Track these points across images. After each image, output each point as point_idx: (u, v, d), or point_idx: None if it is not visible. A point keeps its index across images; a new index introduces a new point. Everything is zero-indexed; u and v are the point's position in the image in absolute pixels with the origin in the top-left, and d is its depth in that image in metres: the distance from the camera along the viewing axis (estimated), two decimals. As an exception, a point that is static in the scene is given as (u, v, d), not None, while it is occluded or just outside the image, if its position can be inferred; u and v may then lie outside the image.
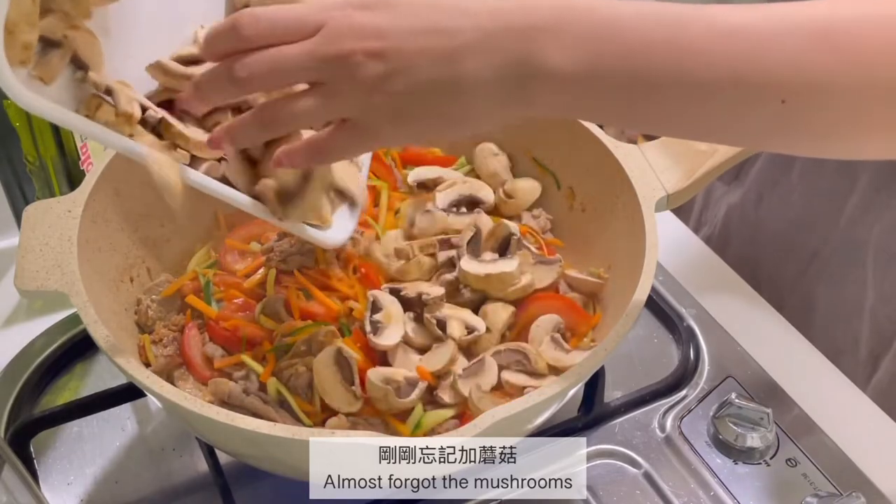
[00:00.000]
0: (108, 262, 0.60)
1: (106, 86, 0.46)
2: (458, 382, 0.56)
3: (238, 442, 0.53)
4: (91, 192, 0.59)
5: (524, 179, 0.72)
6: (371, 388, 0.54)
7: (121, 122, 0.46)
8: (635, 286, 0.55)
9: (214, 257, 0.68)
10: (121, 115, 0.46)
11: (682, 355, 0.72)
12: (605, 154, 0.65)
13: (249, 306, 0.61)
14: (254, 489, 0.62)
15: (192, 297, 0.62)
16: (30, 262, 0.54)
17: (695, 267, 0.83)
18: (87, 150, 0.75)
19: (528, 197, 0.71)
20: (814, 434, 0.66)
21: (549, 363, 0.59)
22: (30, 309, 0.75)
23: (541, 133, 0.70)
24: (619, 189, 0.64)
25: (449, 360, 0.57)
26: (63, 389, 0.69)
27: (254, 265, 0.64)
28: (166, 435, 0.66)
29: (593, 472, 0.64)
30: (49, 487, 0.62)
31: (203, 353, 0.60)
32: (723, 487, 0.62)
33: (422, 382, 0.56)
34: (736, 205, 0.90)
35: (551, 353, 0.59)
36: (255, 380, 0.57)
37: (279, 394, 0.56)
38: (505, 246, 0.63)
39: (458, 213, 0.67)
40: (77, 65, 0.46)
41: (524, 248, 0.63)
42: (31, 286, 0.54)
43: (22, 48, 0.42)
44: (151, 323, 0.62)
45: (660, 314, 0.76)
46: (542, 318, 0.61)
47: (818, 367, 0.73)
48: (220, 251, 0.67)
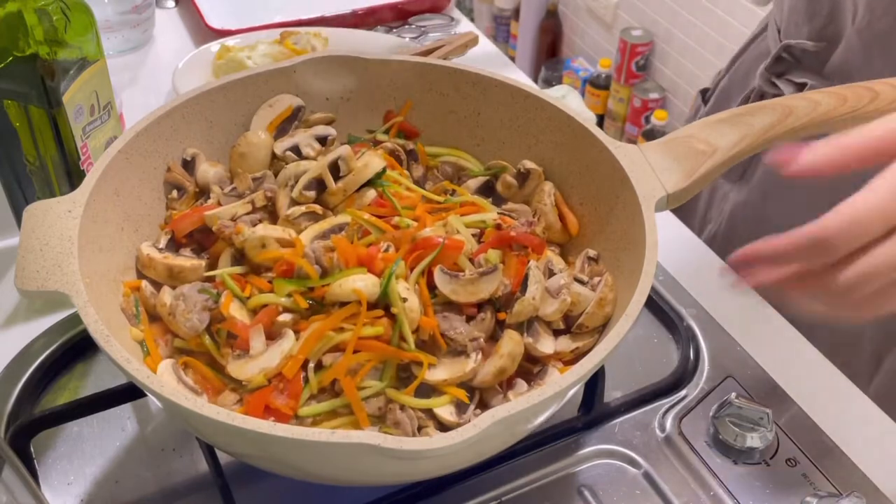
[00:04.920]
0: (109, 262, 0.60)
1: None
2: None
3: (238, 442, 0.53)
4: (91, 192, 0.59)
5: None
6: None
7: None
8: (635, 286, 0.55)
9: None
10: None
11: (682, 355, 0.72)
12: (604, 154, 0.65)
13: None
14: (254, 489, 0.62)
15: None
16: (30, 262, 0.54)
17: (695, 267, 0.83)
18: (87, 150, 0.75)
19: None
20: (814, 434, 0.66)
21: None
22: (30, 309, 0.75)
23: (541, 133, 0.70)
24: (619, 189, 0.64)
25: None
26: (63, 389, 0.69)
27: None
28: (166, 435, 0.66)
29: (593, 472, 0.64)
30: (49, 487, 0.62)
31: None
32: (723, 487, 0.62)
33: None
34: (741, 203, 0.90)
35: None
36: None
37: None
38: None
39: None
40: None
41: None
42: (31, 286, 0.54)
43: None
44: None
45: (660, 314, 0.76)
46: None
47: (818, 367, 0.73)
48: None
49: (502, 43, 3.08)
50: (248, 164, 0.69)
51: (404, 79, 0.74)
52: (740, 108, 0.66)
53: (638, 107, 2.57)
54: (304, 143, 0.70)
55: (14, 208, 0.77)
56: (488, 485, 0.62)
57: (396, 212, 0.64)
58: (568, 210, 0.69)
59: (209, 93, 0.68)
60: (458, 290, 0.59)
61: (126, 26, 1.12)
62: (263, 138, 0.70)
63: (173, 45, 1.16)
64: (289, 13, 1.18)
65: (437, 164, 0.74)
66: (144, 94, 1.06)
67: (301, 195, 0.65)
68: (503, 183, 0.71)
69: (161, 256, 0.62)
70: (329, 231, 0.63)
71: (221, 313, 0.58)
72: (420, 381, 0.56)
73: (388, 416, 0.55)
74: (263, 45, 1.05)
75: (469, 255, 0.62)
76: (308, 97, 0.73)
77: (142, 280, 0.62)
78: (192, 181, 0.68)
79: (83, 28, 0.70)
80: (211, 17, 1.15)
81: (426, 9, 1.23)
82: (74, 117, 0.72)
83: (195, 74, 1.03)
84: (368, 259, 0.59)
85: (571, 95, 0.92)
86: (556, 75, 2.86)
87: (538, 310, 0.60)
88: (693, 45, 2.37)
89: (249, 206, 0.65)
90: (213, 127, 0.70)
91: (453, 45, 1.01)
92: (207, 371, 0.58)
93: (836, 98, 0.66)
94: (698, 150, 0.64)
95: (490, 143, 0.73)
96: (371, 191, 0.66)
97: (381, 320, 0.57)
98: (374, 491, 0.61)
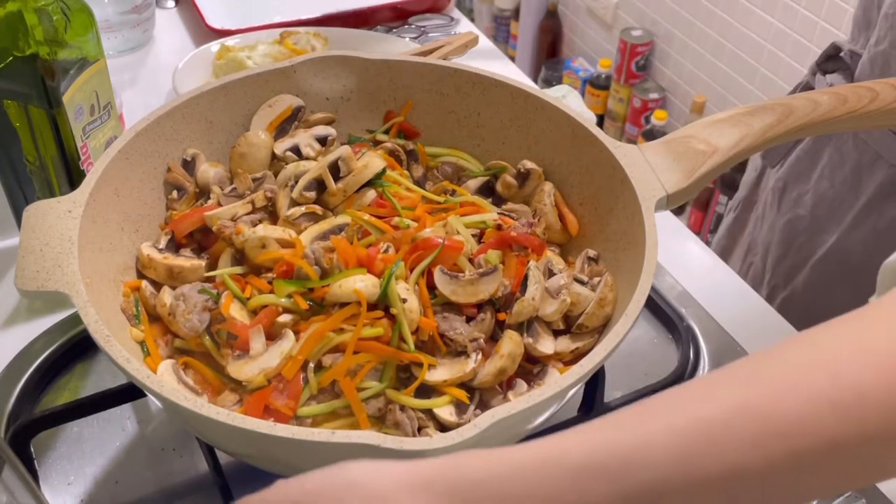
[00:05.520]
0: (109, 262, 0.60)
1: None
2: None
3: (238, 442, 0.53)
4: (91, 192, 0.59)
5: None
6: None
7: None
8: (635, 286, 0.55)
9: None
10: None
11: (681, 355, 0.72)
12: (604, 154, 0.65)
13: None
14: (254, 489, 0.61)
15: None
16: (30, 263, 0.54)
17: (695, 267, 0.83)
18: (87, 150, 0.75)
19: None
20: (814, 434, 0.66)
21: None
22: (30, 309, 0.75)
23: (541, 133, 0.70)
24: (618, 189, 0.64)
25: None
26: (63, 389, 0.69)
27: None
28: (166, 435, 0.66)
29: (593, 473, 0.64)
30: (49, 487, 0.62)
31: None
32: (723, 487, 0.62)
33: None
34: (771, 188, 0.93)
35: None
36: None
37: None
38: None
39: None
40: None
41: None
42: (32, 286, 0.54)
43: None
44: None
45: (660, 314, 0.76)
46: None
47: (818, 367, 0.73)
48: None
49: (502, 43, 3.08)
50: (249, 165, 0.69)
51: (404, 79, 0.74)
52: (740, 108, 0.66)
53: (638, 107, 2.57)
54: (304, 144, 0.70)
55: (14, 208, 0.77)
56: (488, 485, 0.62)
57: (396, 212, 0.64)
58: (568, 210, 0.69)
59: (209, 93, 0.68)
60: (458, 290, 0.59)
61: (126, 26, 1.12)
62: (263, 138, 0.70)
63: (173, 46, 1.16)
64: (289, 13, 1.18)
65: (437, 165, 0.74)
66: (144, 94, 1.06)
67: (301, 196, 0.65)
68: (503, 183, 0.71)
69: (161, 257, 0.62)
70: (329, 232, 0.63)
71: (221, 314, 0.58)
72: (420, 382, 0.56)
73: (387, 417, 0.55)
74: (263, 45, 1.05)
75: (469, 256, 0.62)
76: (308, 97, 0.73)
77: (142, 280, 0.62)
78: (193, 181, 0.68)
79: (83, 28, 0.70)
80: (211, 17, 1.15)
81: (426, 9, 1.23)
82: (74, 117, 0.72)
83: (195, 74, 1.03)
84: (368, 260, 0.59)
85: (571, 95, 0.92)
86: (556, 75, 2.86)
87: (538, 310, 0.60)
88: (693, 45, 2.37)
89: (249, 206, 0.65)
90: (213, 127, 0.69)
91: (453, 46, 1.01)
92: (207, 371, 0.58)
93: (836, 98, 0.66)
94: (698, 150, 0.64)
95: (490, 144, 0.73)
96: (371, 191, 0.66)
97: (381, 321, 0.57)
98: (374, 491, 0.61)
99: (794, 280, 0.93)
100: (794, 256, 0.93)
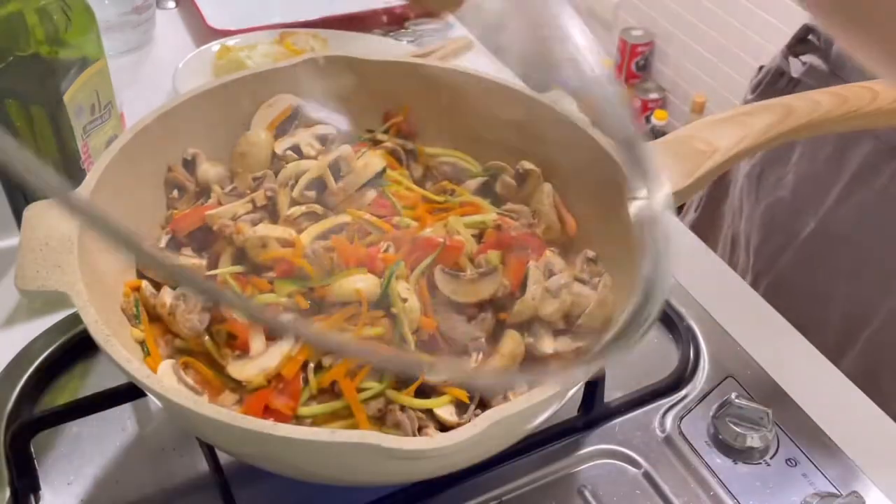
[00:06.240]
0: (109, 262, 0.60)
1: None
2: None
3: (238, 442, 0.53)
4: (91, 192, 0.59)
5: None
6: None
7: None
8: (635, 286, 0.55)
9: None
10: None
11: (682, 355, 0.72)
12: (604, 154, 0.65)
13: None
14: (254, 489, 0.62)
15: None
16: (30, 262, 0.54)
17: (695, 267, 0.83)
18: (87, 149, 0.75)
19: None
20: (814, 434, 0.66)
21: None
22: (30, 309, 0.75)
23: (540, 133, 0.70)
24: (618, 189, 0.64)
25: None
26: (63, 389, 0.69)
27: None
28: (166, 435, 0.66)
29: (593, 472, 0.64)
30: (49, 487, 0.62)
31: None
32: (723, 487, 0.62)
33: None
34: (746, 174, 0.93)
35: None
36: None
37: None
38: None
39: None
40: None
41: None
42: (32, 286, 0.54)
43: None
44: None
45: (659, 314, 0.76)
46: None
47: (818, 367, 0.73)
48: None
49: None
50: (249, 164, 0.69)
51: (403, 80, 0.74)
52: (741, 108, 0.66)
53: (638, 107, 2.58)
54: (305, 143, 0.70)
55: (14, 208, 0.77)
56: (488, 485, 0.62)
57: (397, 212, 0.64)
58: (566, 211, 0.69)
59: (209, 92, 0.68)
60: (459, 290, 0.59)
61: (127, 27, 1.12)
62: (264, 138, 0.70)
63: (174, 46, 1.16)
64: (288, 14, 1.18)
65: (436, 165, 0.74)
66: (145, 94, 1.06)
67: (301, 195, 0.65)
68: (502, 184, 0.71)
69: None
70: (329, 231, 0.63)
71: (222, 314, 0.58)
72: (420, 382, 0.56)
73: (388, 418, 0.55)
74: (263, 45, 1.06)
75: (469, 256, 0.62)
76: (308, 97, 0.73)
77: (142, 280, 0.62)
78: (193, 181, 0.68)
79: (84, 28, 0.70)
80: (211, 18, 1.15)
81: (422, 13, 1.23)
82: (75, 117, 0.72)
83: (195, 74, 1.03)
84: (369, 259, 0.59)
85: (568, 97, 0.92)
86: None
87: (538, 310, 0.60)
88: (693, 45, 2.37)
89: (250, 205, 0.65)
90: (213, 127, 0.69)
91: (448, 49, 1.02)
92: (207, 371, 0.58)
93: (836, 98, 0.66)
94: (698, 150, 0.64)
95: (488, 144, 0.73)
96: (371, 191, 0.66)
97: (382, 321, 0.57)
98: (374, 491, 0.61)
99: (778, 262, 0.92)
100: (778, 238, 0.93)
